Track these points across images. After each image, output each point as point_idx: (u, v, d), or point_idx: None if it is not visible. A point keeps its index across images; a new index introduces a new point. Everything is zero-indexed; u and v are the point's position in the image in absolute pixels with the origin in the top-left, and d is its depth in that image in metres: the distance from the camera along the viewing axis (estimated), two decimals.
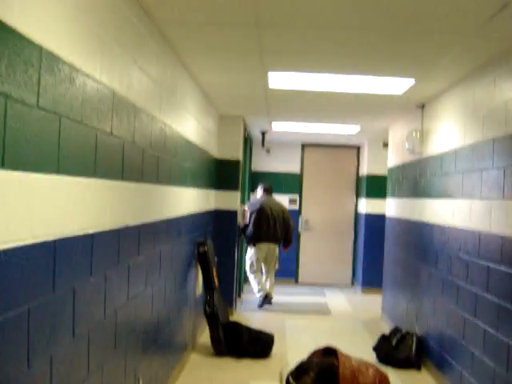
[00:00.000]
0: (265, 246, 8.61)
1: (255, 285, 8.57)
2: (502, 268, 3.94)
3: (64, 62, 2.25)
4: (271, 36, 3.99)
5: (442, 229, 5.38)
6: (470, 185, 4.67)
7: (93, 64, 2.59)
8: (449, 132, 5.37)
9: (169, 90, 4.29)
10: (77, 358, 2.57)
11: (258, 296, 8.52)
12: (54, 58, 2.16)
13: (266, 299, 8.57)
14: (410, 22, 3.55)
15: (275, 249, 8.76)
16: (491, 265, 4.14)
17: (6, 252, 1.86)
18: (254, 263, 8.60)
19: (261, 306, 8.44)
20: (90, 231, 2.64)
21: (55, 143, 2.21)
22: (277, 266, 8.94)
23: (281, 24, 3.72)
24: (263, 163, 10.83)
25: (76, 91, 2.40)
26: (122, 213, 3.15)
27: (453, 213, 5.06)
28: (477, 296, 4.40)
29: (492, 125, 4.27)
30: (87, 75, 2.52)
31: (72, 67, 2.34)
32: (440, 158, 5.59)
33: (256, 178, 10.66)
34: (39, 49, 2.03)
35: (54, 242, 2.23)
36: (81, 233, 2.52)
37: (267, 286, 8.70)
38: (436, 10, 3.30)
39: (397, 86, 5.32)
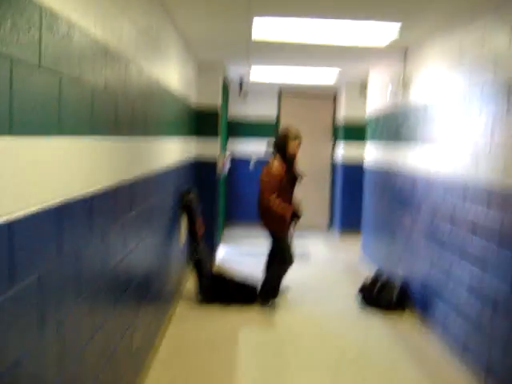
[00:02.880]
0: None
1: None
2: (489, 211, 4.03)
3: (62, 18, 2.16)
4: None
5: (427, 173, 5.43)
6: (456, 131, 4.70)
7: (87, 17, 2.50)
8: (434, 77, 5.35)
9: (154, 40, 4.18)
10: (82, 319, 2.56)
11: None
12: (53, 15, 2.07)
13: None
14: None
15: None
16: (479, 207, 4.23)
17: (19, 221, 1.82)
18: None
19: None
20: (90, 190, 2.60)
21: (56, 103, 2.14)
22: None
23: None
24: (240, 110, 10.70)
25: (73, 47, 2.31)
26: (117, 168, 3.10)
27: (437, 158, 5.10)
28: (464, 238, 4.49)
29: (480, 71, 4.27)
30: (83, 30, 2.43)
31: (70, 23, 2.25)
32: (424, 104, 5.58)
33: (233, 126, 10.56)
34: (39, 7, 1.94)
35: (60, 205, 2.19)
36: (82, 192, 2.48)
37: None
38: None
39: (382, 34, 5.24)
